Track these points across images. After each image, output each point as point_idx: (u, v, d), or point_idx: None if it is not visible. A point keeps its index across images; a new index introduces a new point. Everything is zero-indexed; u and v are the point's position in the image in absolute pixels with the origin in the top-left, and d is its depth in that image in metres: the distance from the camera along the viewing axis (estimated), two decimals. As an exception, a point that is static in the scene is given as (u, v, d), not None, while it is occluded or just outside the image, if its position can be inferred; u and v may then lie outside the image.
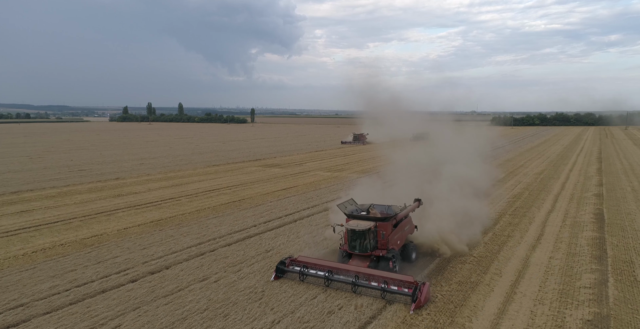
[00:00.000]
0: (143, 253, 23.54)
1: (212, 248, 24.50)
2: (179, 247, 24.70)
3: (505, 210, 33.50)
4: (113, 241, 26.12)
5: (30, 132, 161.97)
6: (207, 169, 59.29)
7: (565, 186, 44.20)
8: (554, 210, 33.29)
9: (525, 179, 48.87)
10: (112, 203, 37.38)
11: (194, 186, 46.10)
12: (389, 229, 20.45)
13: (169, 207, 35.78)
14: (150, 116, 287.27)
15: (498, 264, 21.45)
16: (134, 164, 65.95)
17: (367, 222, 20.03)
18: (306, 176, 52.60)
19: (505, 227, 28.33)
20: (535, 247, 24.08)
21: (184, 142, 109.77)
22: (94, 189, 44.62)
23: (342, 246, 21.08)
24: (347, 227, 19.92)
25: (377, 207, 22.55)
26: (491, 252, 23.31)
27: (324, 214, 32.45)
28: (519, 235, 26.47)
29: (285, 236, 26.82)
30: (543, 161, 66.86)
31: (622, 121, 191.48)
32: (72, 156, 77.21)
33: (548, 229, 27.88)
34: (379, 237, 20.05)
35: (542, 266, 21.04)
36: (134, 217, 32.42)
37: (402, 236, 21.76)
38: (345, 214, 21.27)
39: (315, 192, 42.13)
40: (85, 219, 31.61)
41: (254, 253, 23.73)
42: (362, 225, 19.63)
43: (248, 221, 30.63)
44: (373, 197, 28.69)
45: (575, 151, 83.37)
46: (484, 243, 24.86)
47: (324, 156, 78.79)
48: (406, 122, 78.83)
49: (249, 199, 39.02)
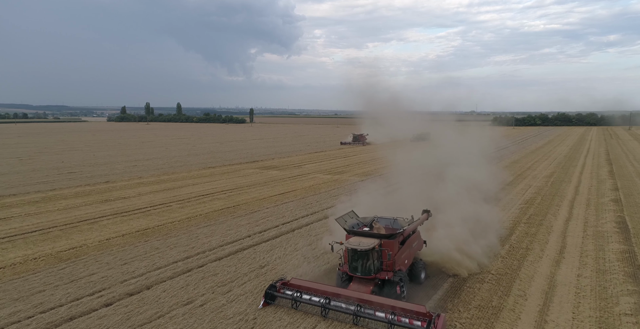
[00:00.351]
0: (123, 270, 21.13)
1: (200, 263, 22.10)
2: (163, 262, 22.29)
3: (519, 218, 31.12)
4: (92, 254, 23.70)
5: (25, 132, 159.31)
6: (202, 172, 56.87)
7: (579, 190, 41.84)
8: (571, 218, 30.93)
9: (535, 182, 46.51)
10: (98, 210, 34.96)
11: (187, 190, 43.69)
12: (396, 247, 17.75)
13: (158, 214, 33.38)
14: (148, 116, 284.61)
15: (521, 283, 19.07)
16: (126, 166, 63.53)
17: (371, 239, 17.34)
18: (305, 179, 50.21)
19: (522, 238, 25.95)
20: (559, 262, 21.70)
21: (181, 143, 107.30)
22: (80, 193, 42.19)
23: (342, 267, 18.24)
24: (347, 246, 17.19)
25: (381, 220, 20.06)
26: (511, 268, 20.92)
27: (323, 222, 30.09)
28: (538, 248, 24.09)
29: (282, 249, 24.42)
30: (550, 162, 64.55)
31: (625, 121, 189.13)
32: (64, 158, 74.73)
33: (569, 240, 25.49)
34: (384, 258, 17.15)
35: (571, 287, 18.66)
36: (119, 225, 30.01)
37: (410, 254, 19.10)
38: (345, 229, 18.61)
39: (314, 197, 39.74)
40: (66, 228, 29.18)
41: (246, 269, 21.33)
42: (364, 243, 16.93)
43: (242, 231, 28.23)
44: (376, 206, 26.48)
45: (582, 152, 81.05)
46: (502, 257, 22.48)
47: (324, 157, 76.39)
48: (406, 122, 76.99)
49: (244, 205, 36.62)
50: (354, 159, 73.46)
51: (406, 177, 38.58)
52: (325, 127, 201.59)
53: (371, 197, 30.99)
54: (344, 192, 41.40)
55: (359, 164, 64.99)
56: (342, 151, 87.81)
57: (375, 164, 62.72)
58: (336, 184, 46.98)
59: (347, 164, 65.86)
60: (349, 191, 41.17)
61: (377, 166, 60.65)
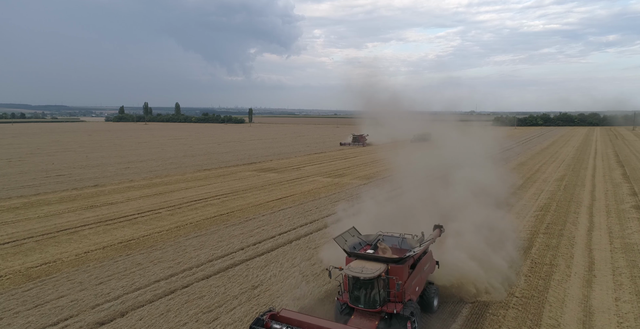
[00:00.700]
0: (97, 291, 18.64)
1: (185, 282, 19.62)
2: (144, 281, 19.81)
3: (536, 227, 28.65)
4: (65, 271, 21.21)
5: (20, 132, 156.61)
6: (196, 175, 54.38)
7: (595, 195, 39.38)
8: (593, 227, 28.46)
9: (547, 186, 44.04)
10: (81, 217, 32.48)
11: (179, 194, 41.21)
12: (405, 273, 14.87)
13: (145, 223, 30.91)
14: (147, 116, 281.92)
15: (551, 310, 16.58)
16: (119, 168, 61.04)
17: (376, 265, 14.51)
18: (304, 183, 47.73)
19: (544, 252, 23.47)
20: (590, 282, 19.24)
21: (177, 144, 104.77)
22: (66, 198, 39.69)
23: (341, 296, 15.22)
24: (348, 273, 14.28)
25: (387, 239, 17.26)
26: (537, 290, 18.44)
27: (323, 232, 27.64)
28: (564, 263, 21.63)
29: (278, 265, 21.93)
30: (559, 164, 62.10)
31: (628, 121, 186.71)
32: (56, 159, 72.23)
33: (597, 254, 23.02)
34: (391, 287, 14.27)
35: (611, 314, 16.19)
36: (101, 236, 27.52)
37: (422, 279, 16.21)
38: (346, 251, 15.73)
39: (313, 203, 37.25)
40: (42, 239, 26.68)
41: (237, 290, 18.85)
42: (368, 270, 14.12)
43: (235, 243, 25.74)
44: (379, 214, 24.23)
45: (590, 153, 78.60)
46: (525, 275, 20.01)
47: (323, 158, 73.89)
48: (407, 122, 74.63)
49: (239, 211, 34.15)
50: (355, 160, 70.98)
51: (410, 181, 36.41)
52: (325, 128, 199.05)
53: (374, 204, 28.73)
54: (345, 197, 38.99)
55: (360, 166, 62.50)
56: (342, 152, 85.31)
57: (377, 166, 60.28)
58: (337, 188, 44.50)
59: (347, 166, 63.37)
60: (350, 196, 38.79)
61: (379, 168, 58.24)
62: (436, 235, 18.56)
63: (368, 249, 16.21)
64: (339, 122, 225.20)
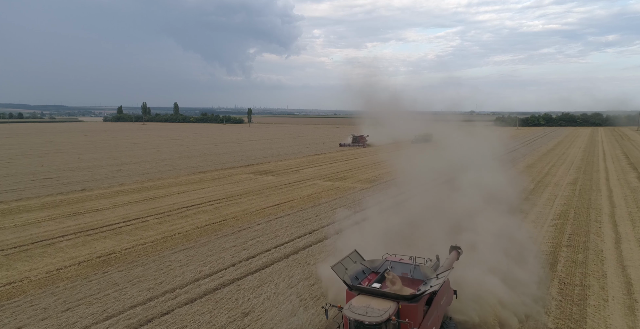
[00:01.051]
0: (60, 321, 16.06)
1: (165, 309, 17.05)
2: (118, 307, 17.23)
3: (557, 239, 26.12)
4: (31, 293, 18.64)
5: (15, 132, 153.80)
6: (190, 178, 51.83)
7: (614, 201, 36.87)
8: (621, 239, 25.92)
9: (561, 191, 41.52)
10: (61, 226, 29.92)
11: (170, 200, 38.67)
12: (420, 313, 11.91)
13: (129, 232, 28.36)
14: (145, 116, 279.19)
15: (594, 347, 14.07)
16: (110, 170, 58.48)
17: (383, 303, 11.53)
18: (303, 187, 45.18)
19: (572, 270, 20.92)
20: (633, 309, 16.67)
21: (174, 144, 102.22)
22: (48, 204, 37.13)
23: None
24: (349, 315, 11.21)
25: (397, 267, 14.01)
26: (572, 318, 15.89)
27: (323, 244, 25.14)
28: (597, 284, 19.08)
29: (273, 285, 19.37)
30: (568, 167, 59.62)
31: (631, 121, 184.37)
32: (47, 161, 69.66)
33: (632, 273, 20.46)
34: None
35: (666, 353, 13.67)
36: (79, 249, 24.95)
37: (439, 315, 13.14)
38: (347, 284, 12.84)
39: (313, 209, 34.69)
40: (13, 254, 24.11)
41: (224, 318, 16.28)
42: (374, 311, 11.14)
43: (225, 257, 23.17)
44: (384, 226, 21.91)
45: (598, 155, 76.15)
46: (555, 299, 17.47)
47: (323, 160, 71.35)
48: (408, 122, 72.25)
49: (233, 219, 31.62)
50: (356, 162, 68.44)
51: (415, 185, 34.27)
52: (325, 128, 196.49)
53: (378, 212, 26.47)
54: (347, 203, 36.49)
55: (361, 169, 59.95)
56: (343, 154, 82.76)
57: (379, 169, 57.74)
58: (337, 193, 41.95)
59: (348, 168, 60.82)
60: (351, 202, 36.30)
61: (381, 170, 55.70)
62: (453, 259, 15.61)
63: (373, 280, 13.20)
64: (338, 122, 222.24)
